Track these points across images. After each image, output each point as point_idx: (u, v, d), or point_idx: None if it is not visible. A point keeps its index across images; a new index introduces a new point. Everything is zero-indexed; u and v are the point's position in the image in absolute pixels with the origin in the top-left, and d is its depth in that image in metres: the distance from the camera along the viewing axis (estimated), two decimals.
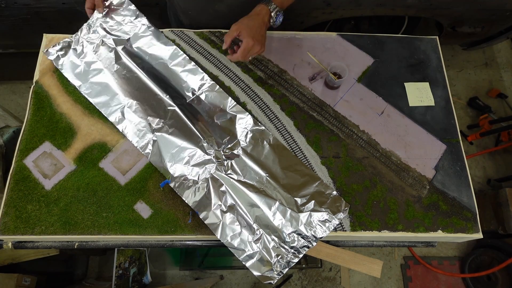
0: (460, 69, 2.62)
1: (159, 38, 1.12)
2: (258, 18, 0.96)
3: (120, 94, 1.04)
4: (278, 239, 0.89)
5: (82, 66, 1.07)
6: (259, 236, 0.89)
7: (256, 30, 0.94)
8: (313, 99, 1.10)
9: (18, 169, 0.97)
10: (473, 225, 0.97)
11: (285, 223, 0.91)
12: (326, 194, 0.95)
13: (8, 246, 0.97)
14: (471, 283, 2.06)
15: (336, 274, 2.08)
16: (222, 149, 0.99)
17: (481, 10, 1.68)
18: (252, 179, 0.96)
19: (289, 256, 0.88)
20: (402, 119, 1.09)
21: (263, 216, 0.91)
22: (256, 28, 0.94)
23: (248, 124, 1.02)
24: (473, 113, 2.51)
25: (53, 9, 1.49)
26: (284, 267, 0.88)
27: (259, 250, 0.88)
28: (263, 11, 0.97)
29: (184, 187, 0.93)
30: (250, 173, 0.96)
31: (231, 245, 0.89)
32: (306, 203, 0.93)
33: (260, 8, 0.98)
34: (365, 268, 1.01)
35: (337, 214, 0.93)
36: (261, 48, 0.96)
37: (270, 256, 0.88)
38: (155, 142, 0.99)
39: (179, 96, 1.06)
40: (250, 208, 0.92)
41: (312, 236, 0.90)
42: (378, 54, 1.18)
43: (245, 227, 0.90)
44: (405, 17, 1.86)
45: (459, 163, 1.04)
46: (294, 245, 0.89)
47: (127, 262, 1.62)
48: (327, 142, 1.04)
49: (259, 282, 2.03)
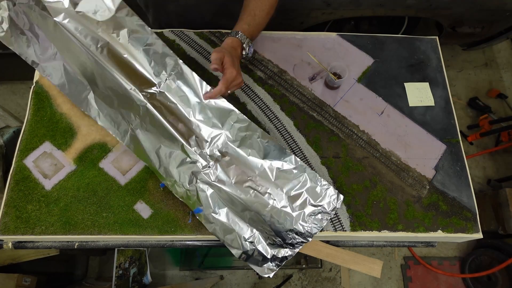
0: (460, 69, 2.63)
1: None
2: (233, 50, 0.94)
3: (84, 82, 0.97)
4: (274, 237, 0.89)
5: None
6: (253, 234, 0.88)
7: (235, 62, 0.91)
8: (313, 99, 1.10)
9: (18, 169, 0.97)
10: (473, 225, 0.97)
11: (280, 221, 0.90)
12: (318, 187, 0.92)
13: (8, 246, 0.97)
14: (471, 283, 2.06)
15: (336, 274, 2.08)
16: (207, 149, 0.94)
17: (481, 10, 1.68)
18: (242, 181, 0.92)
19: (286, 251, 0.88)
20: (402, 119, 1.09)
21: (256, 218, 0.90)
22: (235, 59, 0.92)
23: (234, 117, 0.95)
24: (473, 113, 2.51)
25: None
26: (282, 260, 0.87)
27: (255, 248, 0.87)
28: (235, 44, 0.96)
29: (176, 189, 0.92)
30: (240, 174, 0.93)
31: (227, 243, 0.88)
32: (299, 199, 0.91)
33: (231, 40, 0.96)
34: (365, 268, 1.01)
35: (331, 206, 0.91)
36: (242, 81, 0.93)
37: (267, 253, 0.87)
38: (133, 138, 0.94)
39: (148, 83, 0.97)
40: (243, 212, 0.90)
41: (307, 232, 0.89)
42: (378, 54, 1.18)
43: (240, 229, 0.89)
44: (405, 17, 1.86)
45: (459, 163, 1.04)
46: (290, 242, 0.88)
47: (127, 262, 1.62)
48: (327, 142, 1.04)
49: (259, 282, 2.03)
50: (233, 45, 0.95)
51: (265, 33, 1.18)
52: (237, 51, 0.96)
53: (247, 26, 0.98)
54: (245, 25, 0.98)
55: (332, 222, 0.95)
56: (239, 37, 0.96)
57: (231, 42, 0.96)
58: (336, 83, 1.08)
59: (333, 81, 1.07)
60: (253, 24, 0.99)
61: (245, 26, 0.97)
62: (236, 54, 0.94)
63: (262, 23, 1.02)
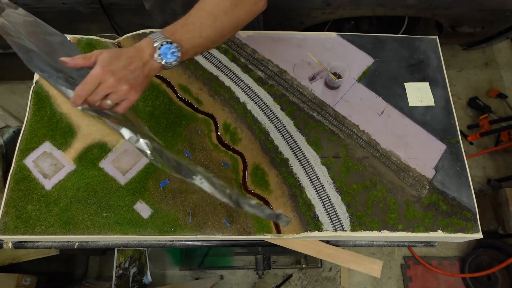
0: (460, 69, 2.63)
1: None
2: (130, 51, 0.66)
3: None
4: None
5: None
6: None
7: (119, 64, 0.63)
8: (313, 99, 1.10)
9: (18, 169, 0.97)
10: (473, 225, 0.97)
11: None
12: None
13: (8, 246, 0.97)
14: (471, 283, 2.06)
15: (336, 274, 2.08)
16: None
17: (481, 10, 1.68)
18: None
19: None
20: (402, 119, 1.09)
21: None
22: (123, 61, 0.63)
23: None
24: (473, 113, 2.51)
25: (53, 9, 1.49)
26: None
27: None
28: (142, 44, 0.67)
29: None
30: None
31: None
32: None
33: (142, 41, 0.68)
34: (365, 268, 1.01)
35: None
36: (128, 90, 0.64)
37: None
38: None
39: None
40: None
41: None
42: (378, 54, 1.18)
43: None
44: (405, 17, 1.86)
45: (459, 163, 1.04)
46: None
47: (127, 262, 1.62)
48: (327, 142, 1.04)
49: (259, 282, 2.03)
50: (139, 45, 0.67)
51: (265, 33, 1.18)
52: (140, 53, 0.66)
53: (179, 26, 0.71)
54: (175, 26, 0.71)
55: (332, 222, 0.95)
56: (152, 36, 0.67)
57: (140, 42, 0.68)
58: (336, 83, 1.08)
59: (333, 81, 1.07)
60: (191, 29, 0.71)
61: (175, 27, 0.70)
62: (135, 56, 0.65)
63: (210, 35, 0.73)
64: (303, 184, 0.99)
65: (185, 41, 0.69)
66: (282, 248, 1.01)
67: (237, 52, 1.16)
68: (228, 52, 1.16)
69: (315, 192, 0.98)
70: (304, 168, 1.00)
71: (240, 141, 1.03)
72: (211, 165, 1.00)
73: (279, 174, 1.00)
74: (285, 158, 1.01)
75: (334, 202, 0.97)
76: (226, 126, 1.05)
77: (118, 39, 1.16)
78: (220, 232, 0.93)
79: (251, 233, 0.93)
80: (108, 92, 0.64)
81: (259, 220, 0.94)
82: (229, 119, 1.06)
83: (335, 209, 0.96)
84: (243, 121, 1.06)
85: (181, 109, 1.06)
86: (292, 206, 0.96)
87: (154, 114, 1.05)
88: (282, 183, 0.99)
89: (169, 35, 0.68)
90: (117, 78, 0.63)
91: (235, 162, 1.01)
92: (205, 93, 1.09)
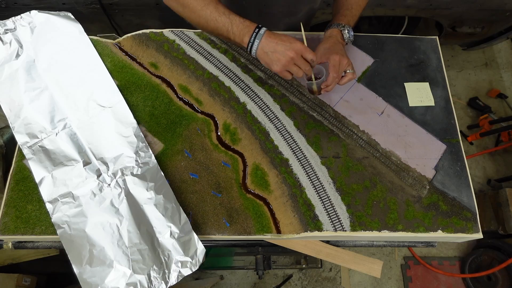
0: (460, 69, 2.63)
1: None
2: (330, 39, 1.00)
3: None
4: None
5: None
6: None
7: (333, 47, 0.96)
8: (313, 99, 1.10)
9: (18, 169, 0.97)
10: (473, 225, 0.97)
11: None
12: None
13: (8, 246, 0.97)
14: (471, 283, 2.06)
15: (336, 274, 2.08)
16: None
17: (481, 10, 1.68)
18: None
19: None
20: (402, 119, 1.09)
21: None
22: (334, 45, 0.97)
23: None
24: (473, 113, 2.51)
25: (53, 9, 1.49)
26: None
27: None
28: (333, 33, 1.02)
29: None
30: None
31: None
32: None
33: (329, 32, 1.02)
34: (365, 268, 1.01)
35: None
36: (348, 59, 0.96)
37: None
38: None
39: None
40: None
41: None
42: (378, 54, 1.18)
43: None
44: (405, 17, 1.86)
45: (459, 163, 1.04)
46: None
47: None
48: (327, 142, 1.04)
49: (259, 282, 2.03)
50: (331, 34, 1.01)
51: None
52: (336, 38, 1.00)
53: (343, 17, 1.04)
54: (341, 17, 1.03)
55: (332, 222, 0.95)
56: (335, 26, 1.02)
57: (329, 33, 1.02)
58: (310, 84, 0.99)
59: (309, 84, 0.99)
60: (349, 14, 1.05)
61: (341, 18, 1.03)
62: (335, 41, 0.99)
63: (357, 15, 1.07)
64: (303, 184, 0.99)
65: (353, 23, 1.06)
66: (282, 248, 1.01)
67: (237, 52, 1.16)
68: (228, 52, 1.16)
69: (315, 192, 0.98)
70: (304, 168, 1.00)
71: (240, 141, 1.03)
72: (211, 165, 1.00)
73: (279, 174, 1.00)
74: (285, 158, 1.02)
75: (334, 202, 0.97)
76: (226, 126, 1.05)
77: (118, 39, 1.16)
78: (220, 232, 0.93)
79: (251, 233, 0.93)
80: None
81: (259, 220, 0.94)
82: (229, 119, 1.06)
83: (335, 209, 0.96)
84: (243, 121, 1.06)
85: (181, 109, 1.06)
86: (292, 206, 0.96)
87: (154, 114, 1.05)
88: (282, 183, 0.99)
89: (346, 23, 1.02)
90: (342, 56, 0.95)
91: (235, 162, 1.01)
92: (205, 93, 1.09)
